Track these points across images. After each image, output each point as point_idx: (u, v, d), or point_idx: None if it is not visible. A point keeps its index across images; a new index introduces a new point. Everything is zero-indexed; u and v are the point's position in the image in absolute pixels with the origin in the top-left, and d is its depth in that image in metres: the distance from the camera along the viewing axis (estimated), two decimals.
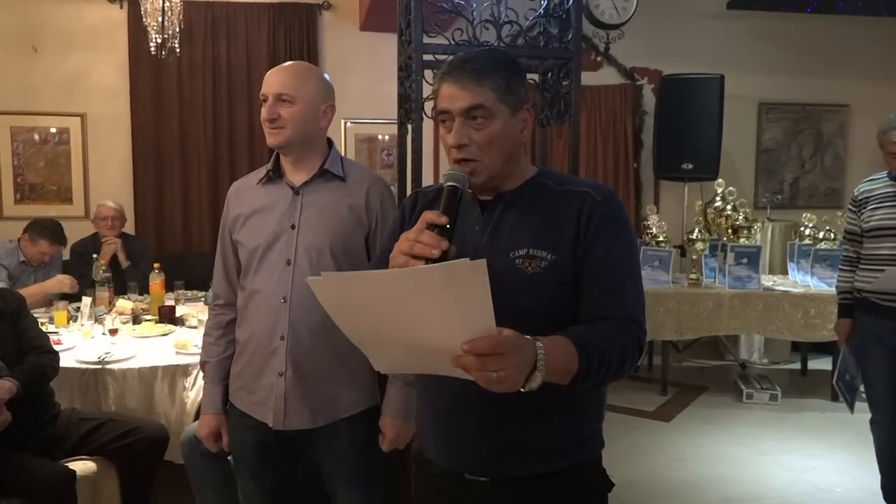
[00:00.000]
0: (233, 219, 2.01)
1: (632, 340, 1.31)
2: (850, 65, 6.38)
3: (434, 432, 1.52)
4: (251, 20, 5.57)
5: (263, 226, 1.94)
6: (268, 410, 1.93)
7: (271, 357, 1.92)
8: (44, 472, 2.48)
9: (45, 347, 2.71)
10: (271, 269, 1.92)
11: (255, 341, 1.95)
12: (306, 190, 1.94)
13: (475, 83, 1.36)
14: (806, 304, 4.70)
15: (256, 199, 1.98)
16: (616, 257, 1.38)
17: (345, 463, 1.97)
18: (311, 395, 1.92)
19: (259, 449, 1.99)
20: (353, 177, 1.98)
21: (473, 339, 1.07)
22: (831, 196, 6.57)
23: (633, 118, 6.15)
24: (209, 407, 2.07)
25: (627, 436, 4.22)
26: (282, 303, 1.90)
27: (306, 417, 1.93)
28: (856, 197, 3.17)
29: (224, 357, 2.06)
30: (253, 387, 1.96)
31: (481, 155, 1.38)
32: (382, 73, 5.29)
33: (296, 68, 1.96)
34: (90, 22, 5.46)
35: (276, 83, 1.90)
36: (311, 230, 1.92)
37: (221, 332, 2.07)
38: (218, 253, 2.09)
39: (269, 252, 1.93)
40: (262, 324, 1.93)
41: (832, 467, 3.85)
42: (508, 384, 1.09)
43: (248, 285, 1.97)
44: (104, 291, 3.87)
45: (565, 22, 2.85)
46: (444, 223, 1.25)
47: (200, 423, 2.10)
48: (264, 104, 1.91)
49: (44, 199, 5.52)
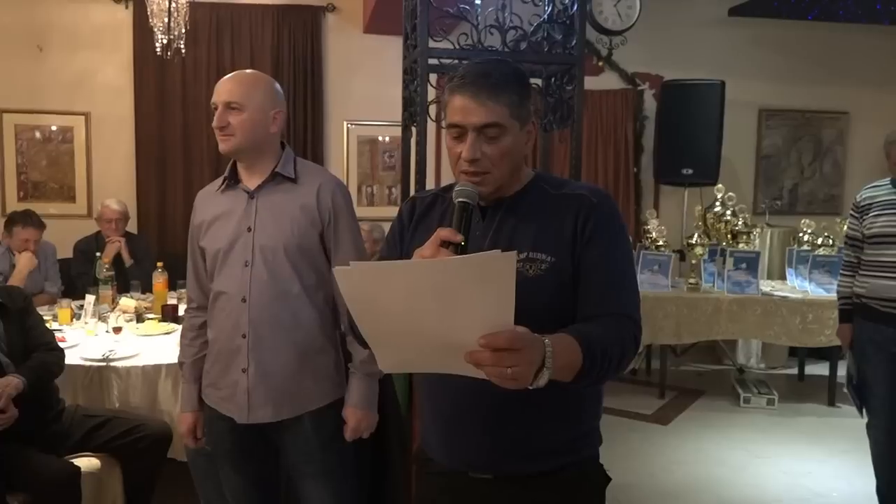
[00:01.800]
0: (197, 226, 2.10)
1: (629, 337, 1.35)
2: (850, 72, 6.41)
3: (437, 431, 1.54)
4: (255, 22, 5.60)
5: (223, 230, 2.03)
6: (233, 405, 2.03)
7: (235, 355, 2.01)
8: (49, 467, 2.50)
9: (51, 345, 2.74)
10: (232, 271, 2.01)
11: (220, 340, 2.05)
12: (260, 193, 2.02)
13: (492, 99, 1.37)
14: (804, 309, 4.73)
15: (217, 206, 2.07)
16: (611, 258, 1.41)
17: (309, 456, 2.05)
18: (273, 390, 2.00)
19: (234, 437, 2.06)
20: (304, 178, 2.05)
21: (491, 333, 1.09)
22: (830, 203, 6.61)
23: (633, 123, 6.18)
24: (186, 405, 2.16)
25: (625, 438, 4.24)
26: (241, 303, 1.99)
27: (269, 411, 2.01)
28: (858, 203, 3.19)
29: (198, 357, 2.14)
30: (220, 383, 2.06)
31: (492, 168, 1.40)
32: (385, 76, 5.32)
33: (244, 77, 2.02)
34: (95, 22, 5.49)
35: (225, 91, 1.97)
36: (265, 232, 2.00)
37: (195, 333, 2.15)
38: (189, 258, 2.17)
39: (230, 255, 2.01)
40: (226, 323, 2.02)
41: (829, 472, 3.88)
42: (521, 380, 1.12)
43: (214, 287, 2.06)
44: (107, 290, 3.89)
45: (569, 28, 2.88)
46: (459, 241, 1.28)
47: (178, 420, 2.21)
48: (215, 112, 1.97)
49: (47, 198, 5.54)
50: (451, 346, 1.13)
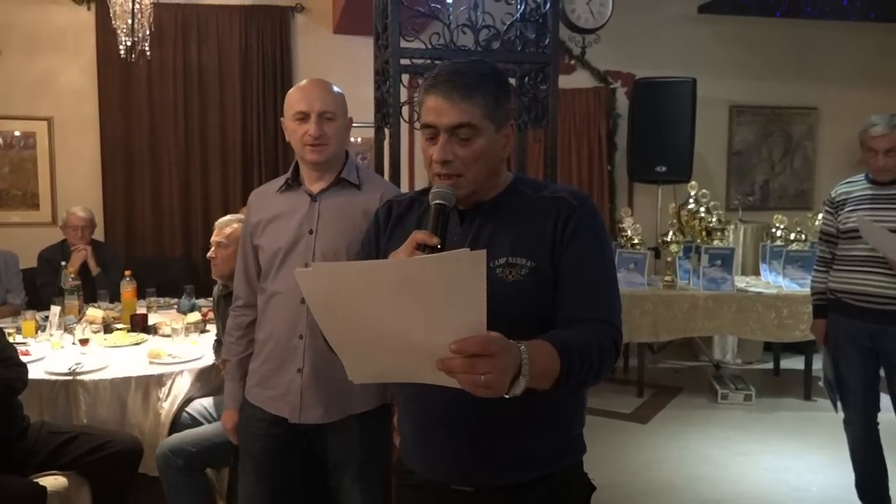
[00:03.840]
0: (254, 224, 2.12)
1: (609, 343, 1.31)
2: (818, 68, 6.49)
3: (417, 442, 1.51)
4: (222, 22, 5.50)
5: (283, 230, 2.05)
6: (285, 405, 2.05)
7: (290, 355, 2.04)
8: (13, 488, 2.41)
9: (12, 360, 2.63)
10: (290, 273, 2.01)
11: (274, 340, 2.06)
12: (323, 197, 2.06)
13: (464, 99, 1.34)
14: (779, 304, 4.76)
15: (275, 206, 2.10)
16: (592, 261, 1.39)
17: (353, 455, 2.07)
18: (325, 392, 2.02)
19: (268, 441, 2.08)
20: (367, 184, 2.09)
21: (462, 339, 1.04)
22: (801, 197, 6.68)
23: (606, 121, 6.19)
24: (232, 402, 2.21)
25: (605, 438, 4.23)
26: (300, 304, 1.98)
27: (320, 412, 2.03)
28: (833, 198, 3.21)
29: (244, 356, 2.19)
30: (270, 383, 2.07)
31: (465, 170, 1.37)
32: (356, 77, 5.22)
33: (328, 85, 2.06)
34: (57, 24, 5.35)
35: (320, 100, 2.00)
36: (328, 234, 2.02)
37: (242, 332, 2.20)
38: (239, 257, 2.21)
39: (289, 256, 2.03)
40: (282, 323, 2.04)
41: (807, 466, 3.90)
42: (495, 388, 1.07)
43: (268, 287, 2.08)
44: (73, 300, 3.78)
45: (542, 26, 2.85)
46: (435, 244, 1.24)
47: (223, 417, 2.25)
48: (303, 121, 1.99)
49: (9, 205, 5.40)
50: (421, 353, 1.08)
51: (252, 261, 2.15)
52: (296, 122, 2.01)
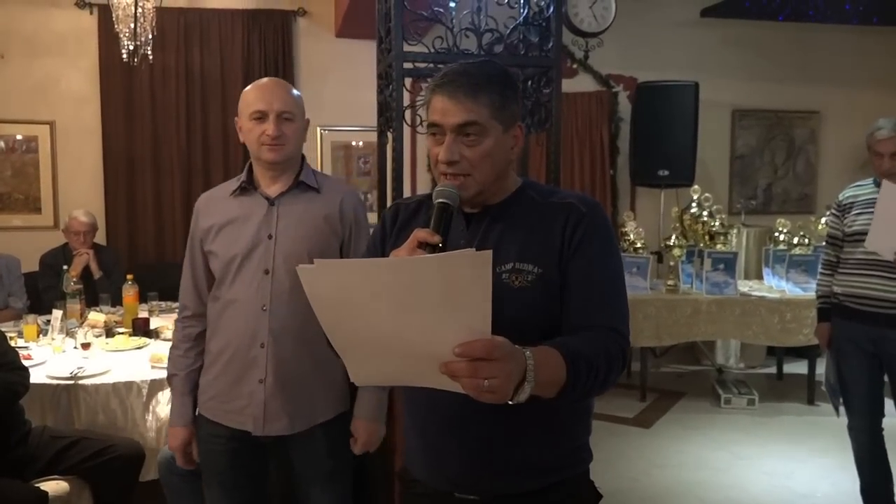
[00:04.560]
0: (204, 230, 2.03)
1: (616, 352, 1.29)
2: (821, 72, 6.48)
3: (421, 450, 1.49)
4: (225, 27, 5.49)
5: (239, 236, 1.97)
6: (247, 417, 1.97)
7: (251, 365, 1.96)
8: (14, 493, 2.40)
9: (13, 364, 2.62)
10: (249, 279, 1.96)
11: (232, 350, 1.98)
12: (281, 201, 1.99)
13: (470, 98, 1.33)
14: (782, 309, 4.74)
15: (228, 210, 2.01)
16: (600, 268, 1.37)
17: (320, 466, 2.03)
18: (290, 402, 1.97)
19: (230, 456, 2.02)
20: (326, 188, 2.05)
21: (467, 342, 1.03)
22: (804, 201, 6.66)
23: (608, 125, 6.18)
24: (179, 419, 2.07)
25: (608, 443, 4.21)
26: (261, 311, 1.94)
27: (285, 423, 1.97)
28: (840, 202, 3.20)
29: (193, 369, 2.07)
30: (229, 395, 1.99)
31: (472, 170, 1.35)
32: (358, 81, 5.25)
33: (286, 85, 2.02)
34: (59, 28, 5.34)
35: (279, 100, 1.96)
36: (288, 240, 1.96)
37: (190, 344, 2.08)
38: (186, 264, 2.09)
39: (247, 262, 1.96)
40: (241, 332, 1.96)
41: (811, 472, 3.88)
42: (499, 394, 1.06)
43: (223, 295, 1.99)
44: (75, 304, 3.77)
45: (545, 30, 2.85)
46: (436, 242, 1.23)
47: (170, 435, 2.09)
48: (260, 121, 1.95)
49: (11, 209, 5.39)
50: (424, 356, 1.06)
51: (202, 268, 2.05)
52: (253, 121, 1.95)
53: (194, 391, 2.07)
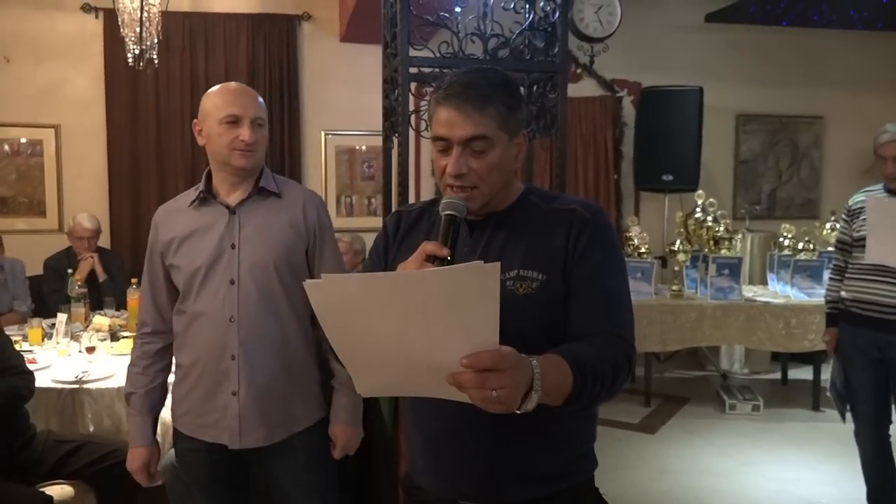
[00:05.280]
0: (165, 243, 1.99)
1: (622, 359, 1.29)
2: (825, 77, 6.47)
3: (426, 457, 1.49)
4: (230, 31, 5.51)
5: (201, 248, 1.94)
6: (222, 431, 1.94)
7: (223, 377, 1.92)
8: (19, 498, 2.40)
9: (19, 368, 2.62)
10: (215, 290, 1.92)
11: (202, 363, 1.94)
12: (242, 209, 1.95)
13: (477, 111, 1.31)
14: (787, 314, 4.73)
15: (189, 222, 1.97)
16: (605, 275, 1.36)
17: (300, 476, 2.00)
18: (265, 413, 1.93)
19: (210, 469, 2.00)
20: (287, 193, 2.01)
21: (474, 353, 1.03)
22: (808, 206, 6.65)
23: (613, 130, 6.18)
24: (139, 439, 2.03)
25: (613, 449, 4.20)
26: (229, 322, 1.91)
27: (263, 434, 1.94)
28: (850, 207, 3.19)
29: (153, 387, 2.04)
30: (202, 409, 1.96)
31: (479, 182, 1.35)
32: (363, 85, 5.27)
33: (253, 91, 2.00)
34: (64, 32, 5.36)
35: (253, 106, 1.94)
36: (252, 248, 1.92)
37: (149, 361, 2.04)
38: (145, 280, 2.05)
39: (211, 273, 1.92)
40: (210, 345, 1.93)
41: (817, 478, 3.86)
42: (507, 404, 1.05)
43: (188, 308, 1.95)
44: (80, 308, 3.77)
45: (551, 35, 2.85)
46: (445, 256, 1.22)
47: (130, 456, 2.05)
48: (233, 125, 1.91)
49: (15, 213, 5.40)
50: (432, 368, 1.06)
51: (162, 283, 2.01)
52: (224, 125, 1.91)
53: (155, 409, 2.05)
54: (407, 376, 1.14)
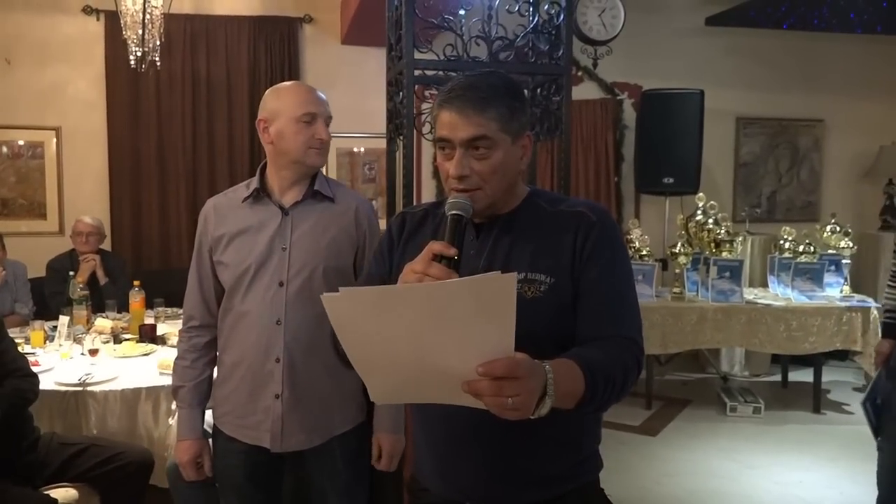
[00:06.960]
0: (215, 238, 1.96)
1: (632, 361, 1.30)
2: (825, 80, 6.48)
3: (431, 459, 1.49)
4: (231, 33, 5.51)
5: (252, 246, 1.91)
6: (263, 433, 1.93)
7: (266, 379, 1.91)
8: (24, 501, 2.40)
9: (23, 371, 2.62)
10: (263, 291, 1.90)
11: (246, 364, 1.93)
12: (296, 210, 1.94)
13: (478, 112, 1.32)
14: (788, 317, 4.73)
15: (242, 219, 1.94)
16: (612, 277, 1.37)
17: (337, 478, 2.00)
18: (308, 416, 1.93)
19: (248, 470, 1.98)
20: (341, 198, 1.99)
21: (489, 361, 1.03)
22: (808, 209, 6.65)
23: (613, 133, 6.18)
24: (189, 432, 2.01)
25: (615, 451, 4.19)
26: (276, 325, 1.89)
27: (303, 438, 1.94)
28: None
29: (201, 380, 2.02)
30: (244, 410, 1.95)
31: (483, 184, 1.35)
32: (364, 87, 5.27)
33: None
34: (66, 34, 5.35)
35: (325, 105, 1.95)
36: (303, 251, 1.91)
37: (197, 354, 2.02)
38: (193, 273, 2.02)
39: (260, 273, 1.90)
40: (255, 346, 1.91)
41: (820, 480, 3.87)
42: (523, 410, 1.06)
43: (235, 307, 1.93)
44: (82, 310, 3.77)
45: (555, 38, 2.85)
46: (452, 255, 1.22)
47: (178, 449, 2.03)
48: (310, 124, 1.90)
49: (16, 215, 5.39)
50: (448, 376, 1.07)
51: (210, 278, 1.98)
52: (301, 123, 1.89)
53: (203, 402, 2.02)
54: (422, 384, 1.15)
